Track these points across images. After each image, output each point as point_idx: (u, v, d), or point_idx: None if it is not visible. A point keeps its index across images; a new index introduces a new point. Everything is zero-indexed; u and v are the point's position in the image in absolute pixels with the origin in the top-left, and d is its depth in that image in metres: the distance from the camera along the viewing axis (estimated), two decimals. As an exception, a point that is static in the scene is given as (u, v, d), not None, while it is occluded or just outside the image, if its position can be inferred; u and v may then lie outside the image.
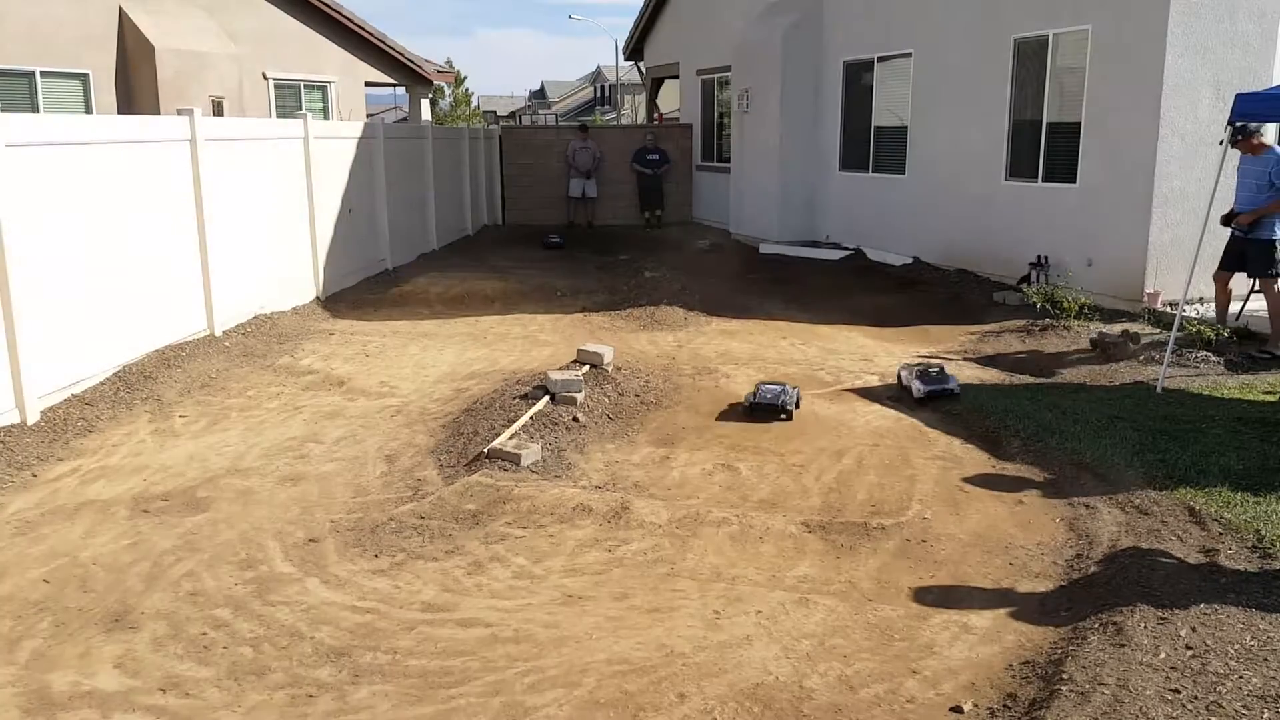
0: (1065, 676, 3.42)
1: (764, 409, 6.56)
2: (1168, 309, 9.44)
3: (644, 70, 23.62)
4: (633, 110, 51.88)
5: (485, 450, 5.74)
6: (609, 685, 3.49)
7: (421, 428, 6.46)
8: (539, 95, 71.39)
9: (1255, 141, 7.96)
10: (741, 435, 6.28)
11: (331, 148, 11.42)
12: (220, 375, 7.60)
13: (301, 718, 3.33)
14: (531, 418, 6.20)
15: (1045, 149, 11.09)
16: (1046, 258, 10.90)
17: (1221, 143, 7.24)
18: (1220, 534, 4.59)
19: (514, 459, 5.62)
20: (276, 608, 4.07)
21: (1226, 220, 8.26)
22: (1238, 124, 7.23)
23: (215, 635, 3.85)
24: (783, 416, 6.54)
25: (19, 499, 5.19)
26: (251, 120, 14.51)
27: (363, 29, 19.48)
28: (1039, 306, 9.98)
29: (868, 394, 7.25)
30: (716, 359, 8.38)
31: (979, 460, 5.86)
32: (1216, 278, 8.69)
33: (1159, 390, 7.12)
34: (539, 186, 19.81)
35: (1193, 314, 8.84)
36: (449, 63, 42.91)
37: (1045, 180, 11.11)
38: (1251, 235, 8.14)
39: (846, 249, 14.66)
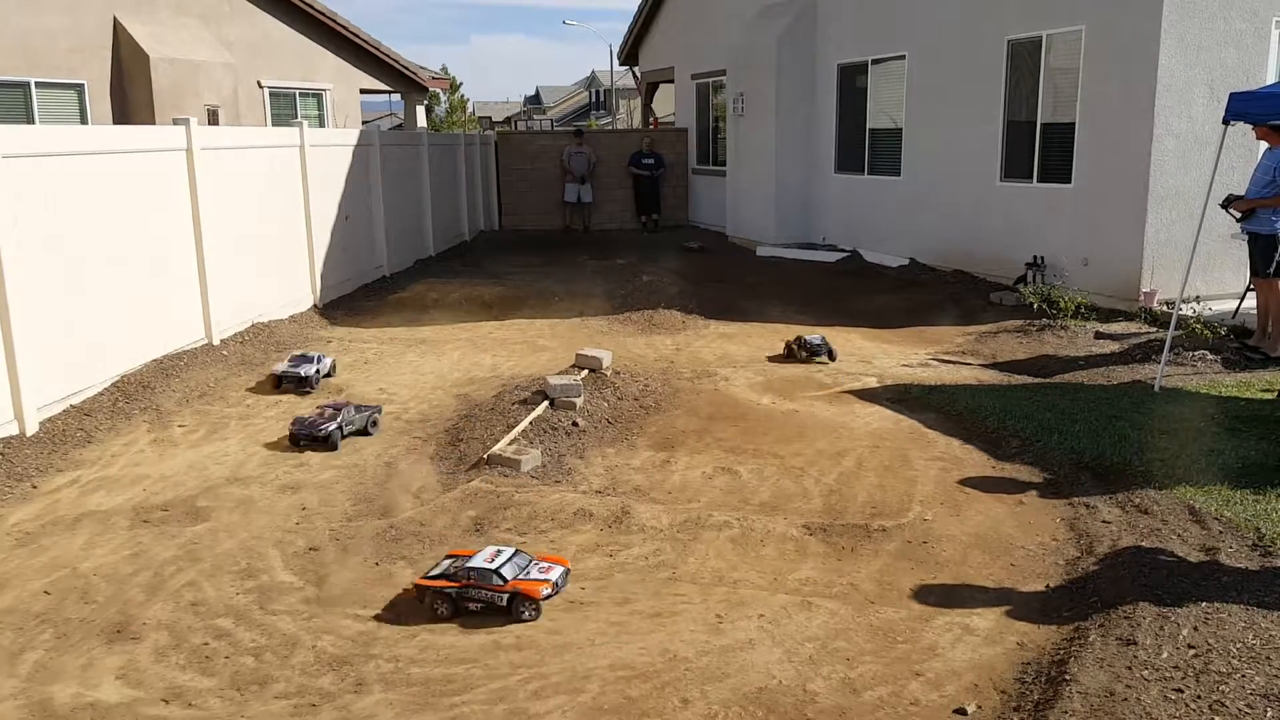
0: (1068, 677, 3.42)
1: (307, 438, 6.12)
2: (1164, 308, 9.45)
3: (639, 75, 23.65)
4: (628, 115, 51.96)
5: (485, 456, 5.74)
6: (612, 691, 3.49)
7: (421, 434, 6.46)
8: (534, 101, 71.47)
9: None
10: (741, 438, 6.28)
11: (328, 155, 11.42)
12: (219, 384, 7.59)
13: (305, 727, 3.33)
14: (531, 423, 6.20)
15: (1040, 149, 11.11)
16: (1043, 258, 10.92)
17: (1226, 122, 6.98)
18: (1220, 532, 4.60)
19: (514, 464, 5.62)
20: (278, 617, 4.06)
21: (1225, 203, 8.16)
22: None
23: (217, 645, 3.84)
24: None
25: (19, 510, 5.17)
26: (247, 129, 14.53)
27: (358, 36, 19.50)
28: (1036, 306, 9.99)
29: (867, 395, 7.26)
30: (715, 362, 8.38)
31: (979, 461, 5.87)
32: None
33: (1157, 389, 7.13)
34: (535, 192, 19.83)
35: (1189, 312, 8.85)
36: (444, 69, 42.95)
37: (1040, 181, 11.14)
38: (1250, 228, 8.10)
39: (843, 251, 14.68)
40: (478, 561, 4.11)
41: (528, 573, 4.13)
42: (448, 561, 4.25)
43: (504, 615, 4.02)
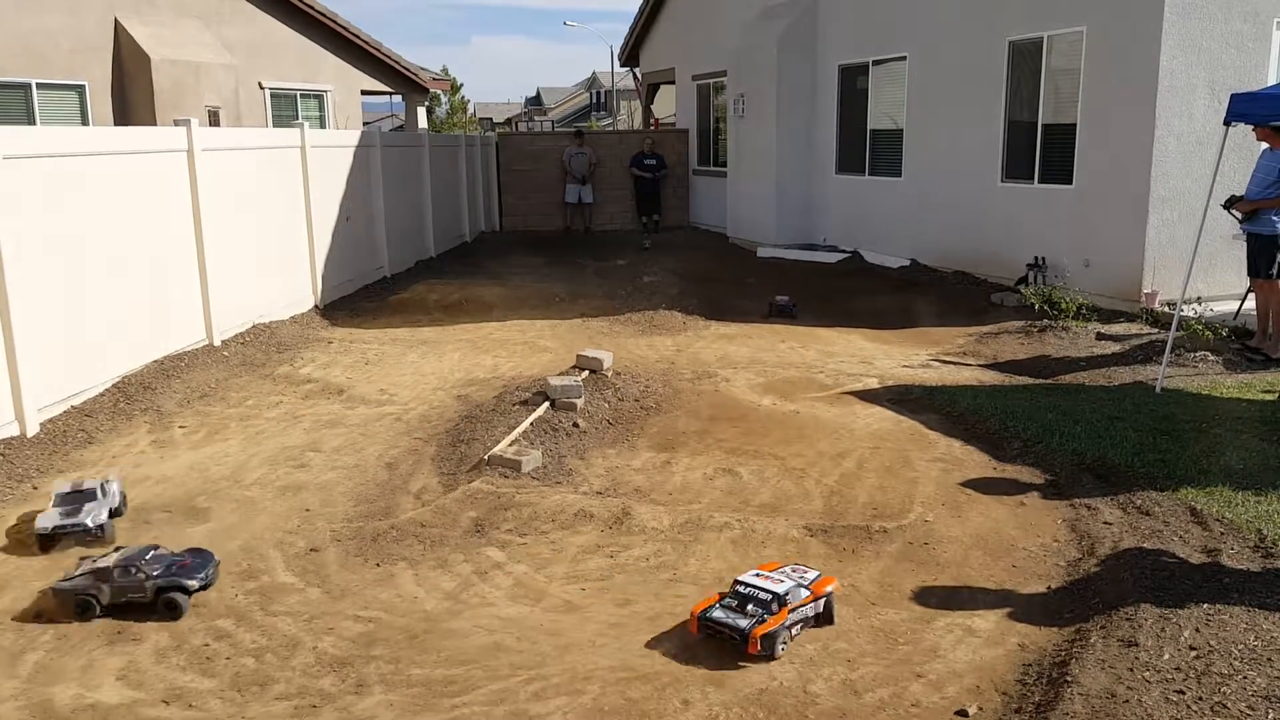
0: (1070, 679, 3.42)
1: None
2: (1166, 309, 9.45)
3: (640, 76, 23.65)
4: (629, 116, 51.97)
5: (485, 457, 5.74)
6: (613, 693, 3.49)
7: (422, 435, 6.46)
8: (535, 102, 71.50)
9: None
10: (742, 439, 6.28)
11: (328, 156, 11.42)
12: (219, 385, 7.59)
13: (305, 728, 3.33)
14: (531, 424, 6.19)
15: (1041, 150, 11.11)
16: (1044, 259, 10.91)
17: (1227, 123, 6.99)
18: (1222, 534, 4.59)
19: (514, 465, 5.62)
20: (279, 618, 4.06)
21: (1228, 204, 8.16)
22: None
23: (218, 646, 3.84)
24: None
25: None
26: (248, 130, 14.54)
27: (358, 38, 19.50)
28: (1037, 307, 9.99)
29: (868, 396, 7.25)
30: (716, 363, 8.38)
31: (980, 462, 5.86)
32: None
33: (1158, 390, 7.13)
34: (536, 193, 19.84)
35: (1190, 314, 8.84)
36: (445, 70, 42.95)
37: (1041, 181, 11.13)
38: (1251, 229, 8.10)
39: (844, 251, 14.68)
40: (774, 585, 3.81)
41: (804, 577, 3.94)
42: (719, 611, 3.78)
43: (819, 624, 3.91)
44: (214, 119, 15.76)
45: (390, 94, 22.11)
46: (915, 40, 13.11)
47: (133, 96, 15.38)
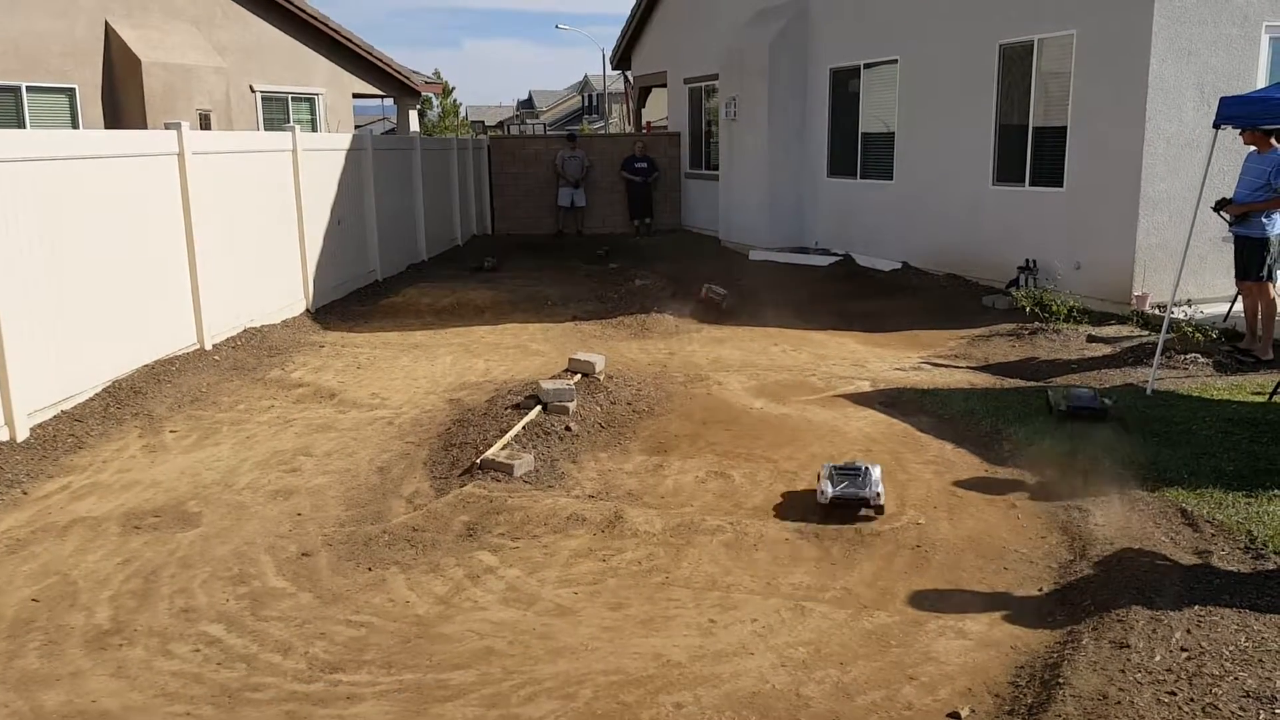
0: (1062, 680, 3.43)
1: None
2: (1156, 311, 9.48)
3: (632, 79, 23.66)
4: (621, 119, 51.97)
5: (478, 461, 5.73)
6: (605, 697, 3.48)
7: (413, 439, 6.44)
8: (527, 105, 71.49)
9: (1269, 140, 7.78)
10: (734, 442, 6.28)
11: (320, 160, 11.40)
12: (210, 389, 7.57)
13: (296, 734, 3.31)
14: (524, 427, 6.18)
15: (1032, 153, 11.14)
16: (1035, 261, 10.94)
17: (1216, 126, 7.04)
18: (1213, 535, 4.61)
19: (507, 469, 5.61)
20: (270, 623, 4.05)
21: (1218, 207, 8.18)
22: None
23: (209, 651, 3.82)
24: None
25: (9, 517, 5.15)
26: (239, 133, 14.50)
27: (350, 41, 19.47)
28: (1028, 310, 10.01)
29: (860, 399, 7.26)
30: (708, 366, 8.38)
31: (971, 464, 5.87)
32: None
33: (1149, 392, 7.15)
34: (528, 196, 19.83)
35: (1181, 316, 8.87)
36: (437, 74, 42.93)
37: (1032, 184, 11.16)
38: (1241, 231, 8.13)
39: (835, 255, 14.70)
40: None
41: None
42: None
43: None
44: (205, 122, 15.72)
45: (382, 97, 22.08)
46: (906, 43, 13.14)
47: (123, 100, 15.34)
